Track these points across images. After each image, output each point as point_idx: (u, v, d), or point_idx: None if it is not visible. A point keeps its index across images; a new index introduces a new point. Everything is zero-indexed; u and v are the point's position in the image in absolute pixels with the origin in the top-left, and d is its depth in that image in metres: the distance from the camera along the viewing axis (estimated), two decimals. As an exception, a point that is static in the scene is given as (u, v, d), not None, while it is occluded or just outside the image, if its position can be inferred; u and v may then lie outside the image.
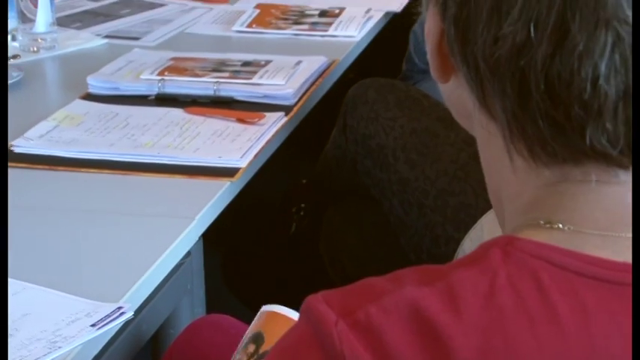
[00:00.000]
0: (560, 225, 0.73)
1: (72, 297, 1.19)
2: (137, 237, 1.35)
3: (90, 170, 1.54)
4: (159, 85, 1.81)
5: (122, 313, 1.16)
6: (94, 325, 1.14)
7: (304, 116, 1.79)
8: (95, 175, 1.53)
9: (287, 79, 1.82)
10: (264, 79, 1.82)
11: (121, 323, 1.17)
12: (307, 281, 2.11)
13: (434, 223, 1.76)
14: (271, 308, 1.12)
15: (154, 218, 1.40)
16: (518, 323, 0.69)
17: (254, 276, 2.30)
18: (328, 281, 1.98)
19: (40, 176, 1.53)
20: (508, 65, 0.71)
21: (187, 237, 1.36)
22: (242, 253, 2.33)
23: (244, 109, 1.73)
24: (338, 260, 2.03)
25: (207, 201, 1.43)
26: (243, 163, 1.54)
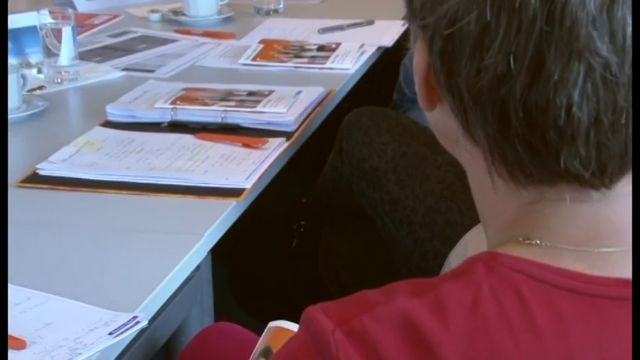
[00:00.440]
0: (538, 241, 0.73)
1: (91, 307, 1.19)
2: (151, 252, 1.35)
3: (108, 191, 1.54)
4: (171, 113, 1.80)
5: (137, 322, 1.16)
6: (112, 334, 1.13)
7: (304, 141, 1.79)
8: (113, 196, 1.52)
9: (288, 108, 1.82)
10: (267, 108, 1.82)
11: (136, 331, 1.16)
12: (306, 292, 2.10)
13: (423, 239, 1.76)
14: (278, 324, 1.12)
15: (167, 235, 1.39)
16: (500, 332, 0.68)
17: (258, 287, 2.29)
18: (326, 292, 1.97)
19: (63, 196, 1.53)
20: (489, 95, 0.70)
21: (197, 252, 1.36)
22: (247, 266, 2.33)
23: (249, 135, 1.73)
24: (335, 273, 2.02)
25: (215, 219, 1.43)
26: (248, 184, 1.54)
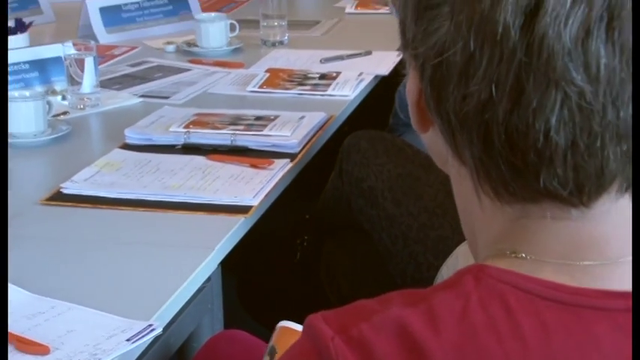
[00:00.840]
0: (523, 254, 0.72)
1: (110, 316, 1.18)
2: (165, 264, 1.34)
3: (126, 208, 1.53)
4: (185, 136, 1.80)
5: (153, 330, 1.15)
6: (129, 340, 1.13)
7: (307, 162, 1.79)
8: (131, 213, 1.52)
9: (292, 131, 1.82)
10: (273, 131, 1.82)
11: (152, 338, 1.16)
12: (309, 301, 2.09)
13: (417, 253, 1.75)
14: (283, 324, 1.11)
15: (180, 249, 1.39)
16: (488, 339, 0.68)
17: (265, 296, 2.28)
18: (326, 301, 1.96)
19: (85, 213, 1.52)
20: (474, 119, 0.70)
21: (208, 265, 1.35)
22: (254, 278, 2.32)
23: (256, 157, 1.72)
24: (335, 283, 2.01)
25: (224, 234, 1.43)
26: (255, 202, 1.54)
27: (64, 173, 1.65)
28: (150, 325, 1.16)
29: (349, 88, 2.14)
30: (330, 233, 2.09)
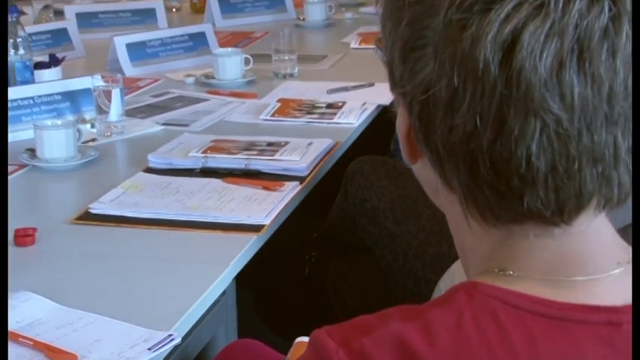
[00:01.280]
0: (511, 272, 0.72)
1: (133, 326, 1.18)
2: (184, 279, 1.34)
3: (149, 227, 1.53)
4: (203, 161, 1.80)
5: (172, 339, 1.15)
6: (150, 349, 1.12)
7: (315, 185, 1.79)
8: (153, 231, 1.52)
9: (301, 156, 1.82)
10: (283, 156, 1.82)
11: (171, 347, 1.15)
12: (316, 313, 2.09)
13: (416, 269, 1.75)
14: (300, 340, 1.11)
15: (198, 264, 1.38)
16: (480, 351, 0.67)
17: (277, 309, 2.27)
18: (332, 314, 1.96)
19: (111, 232, 1.52)
20: (461, 149, 0.70)
21: (223, 279, 1.35)
22: (267, 291, 2.31)
23: (268, 179, 1.72)
24: (341, 297, 2.00)
25: (239, 250, 1.42)
26: (267, 221, 1.53)
27: (92, 195, 1.65)
28: (170, 335, 1.15)
29: (354, 117, 2.14)
30: (336, 250, 2.09)
